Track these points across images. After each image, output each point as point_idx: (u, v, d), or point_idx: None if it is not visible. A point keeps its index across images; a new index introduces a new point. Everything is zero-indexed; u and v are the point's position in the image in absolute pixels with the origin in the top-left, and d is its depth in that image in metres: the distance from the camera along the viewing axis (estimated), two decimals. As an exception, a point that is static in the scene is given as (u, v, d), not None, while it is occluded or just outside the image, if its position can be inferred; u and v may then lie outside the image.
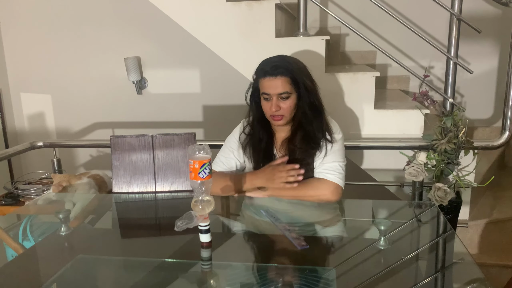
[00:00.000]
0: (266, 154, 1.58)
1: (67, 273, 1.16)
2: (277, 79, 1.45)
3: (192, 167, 1.16)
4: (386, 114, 2.07)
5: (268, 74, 1.46)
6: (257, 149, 1.59)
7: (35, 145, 2.28)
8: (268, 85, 1.47)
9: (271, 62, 1.49)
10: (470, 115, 2.47)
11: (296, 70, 1.49)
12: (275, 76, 1.45)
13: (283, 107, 1.48)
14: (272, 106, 1.47)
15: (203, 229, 1.18)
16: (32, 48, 3.22)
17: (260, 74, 1.50)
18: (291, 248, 1.28)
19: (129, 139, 1.75)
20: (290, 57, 1.56)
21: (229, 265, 1.21)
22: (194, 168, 1.16)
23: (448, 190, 1.77)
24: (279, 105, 1.48)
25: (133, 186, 1.74)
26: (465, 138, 1.81)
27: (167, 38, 3.00)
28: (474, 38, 2.41)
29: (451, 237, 1.35)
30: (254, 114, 1.60)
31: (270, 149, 1.59)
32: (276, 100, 1.47)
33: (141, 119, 3.21)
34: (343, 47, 2.92)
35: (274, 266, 1.19)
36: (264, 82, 1.48)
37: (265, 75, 1.47)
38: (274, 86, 1.46)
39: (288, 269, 1.17)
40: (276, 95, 1.47)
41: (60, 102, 3.31)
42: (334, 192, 1.51)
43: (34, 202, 1.84)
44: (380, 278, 1.10)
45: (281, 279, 1.11)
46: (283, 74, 1.46)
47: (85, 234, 1.49)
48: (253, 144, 1.60)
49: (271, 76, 1.46)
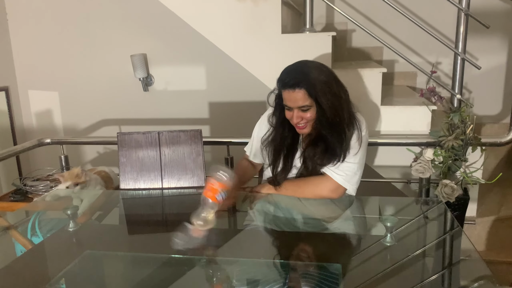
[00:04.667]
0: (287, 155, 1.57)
1: (75, 268, 1.17)
2: (295, 93, 1.41)
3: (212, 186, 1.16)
4: (393, 111, 2.06)
5: (288, 86, 1.42)
6: (278, 151, 1.57)
7: (43, 142, 2.29)
8: (288, 98, 1.44)
9: (290, 73, 1.44)
10: (477, 111, 2.45)
11: (315, 82, 1.41)
12: (293, 89, 1.40)
13: (304, 117, 1.45)
14: (293, 117, 1.45)
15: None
16: (40, 46, 3.24)
17: (280, 84, 1.47)
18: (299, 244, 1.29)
19: (136, 136, 1.75)
20: (312, 65, 1.48)
21: (235, 261, 1.21)
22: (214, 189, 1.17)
23: (455, 187, 1.76)
24: (301, 115, 1.44)
25: (140, 183, 1.75)
26: (472, 134, 1.79)
27: (173, 35, 3.00)
28: (482, 33, 2.39)
29: (458, 234, 1.34)
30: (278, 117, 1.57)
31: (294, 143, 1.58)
32: (297, 112, 1.44)
33: (147, 116, 3.22)
34: (349, 43, 2.90)
35: (280, 262, 1.19)
36: (284, 94, 1.45)
37: (284, 87, 1.43)
38: (294, 99, 1.42)
39: (295, 265, 1.17)
40: (296, 107, 1.43)
41: (67, 99, 3.33)
42: (334, 191, 1.51)
43: (42, 198, 1.85)
44: (387, 274, 1.10)
45: (287, 275, 1.11)
46: (301, 87, 1.40)
47: (93, 230, 1.50)
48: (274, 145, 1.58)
49: (289, 89, 1.41)
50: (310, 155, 1.52)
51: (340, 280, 1.08)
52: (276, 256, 1.25)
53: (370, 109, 2.06)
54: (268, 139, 1.60)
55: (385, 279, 1.09)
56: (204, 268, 1.20)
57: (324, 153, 1.50)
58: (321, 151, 1.50)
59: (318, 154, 1.50)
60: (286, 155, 1.57)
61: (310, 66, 1.47)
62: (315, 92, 1.40)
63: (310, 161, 1.52)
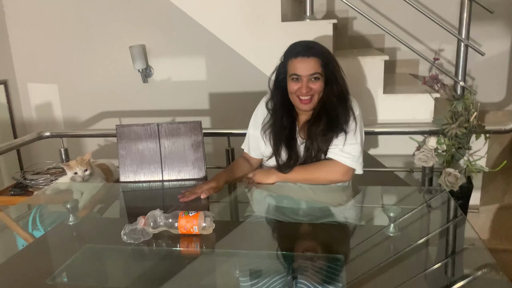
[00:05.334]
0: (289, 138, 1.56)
1: (75, 262, 1.16)
2: (309, 60, 1.45)
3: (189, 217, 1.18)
4: (395, 99, 2.04)
5: (301, 54, 1.45)
6: (279, 136, 1.56)
7: (42, 135, 2.28)
8: (299, 66, 1.45)
9: (304, 43, 1.50)
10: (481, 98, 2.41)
11: (327, 54, 1.50)
12: (308, 56, 1.45)
13: (313, 88, 1.46)
14: (302, 88, 1.46)
15: None
16: (38, 38, 3.21)
17: (291, 54, 1.48)
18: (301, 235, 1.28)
19: (135, 128, 1.74)
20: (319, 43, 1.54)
21: (238, 253, 1.21)
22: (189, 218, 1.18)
23: (459, 176, 1.74)
24: (310, 86, 1.46)
25: (140, 175, 1.74)
26: (476, 122, 1.77)
27: (171, 25, 2.97)
28: (485, 19, 2.35)
29: (461, 223, 1.33)
30: (277, 99, 1.58)
31: (293, 133, 1.57)
32: (307, 82, 1.46)
33: (147, 108, 3.20)
34: (350, 30, 2.86)
35: (282, 254, 1.18)
36: (296, 62, 1.46)
37: (297, 56, 1.46)
38: (307, 67, 1.45)
39: (297, 256, 1.16)
40: (307, 76, 1.45)
41: (66, 91, 3.32)
42: (345, 174, 1.53)
43: (43, 192, 1.85)
44: (390, 264, 1.09)
45: (290, 266, 1.10)
46: (315, 55, 1.45)
47: (93, 223, 1.50)
48: (275, 130, 1.57)
49: (303, 57, 1.45)
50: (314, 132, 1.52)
51: (343, 270, 1.07)
52: (278, 247, 1.24)
53: (372, 98, 2.03)
54: (268, 124, 1.60)
55: (389, 268, 1.08)
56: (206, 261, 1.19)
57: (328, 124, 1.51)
58: (325, 123, 1.51)
59: (322, 126, 1.51)
60: (288, 143, 1.56)
61: (318, 43, 1.53)
62: (328, 62, 1.47)
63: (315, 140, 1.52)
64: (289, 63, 1.49)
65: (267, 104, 1.62)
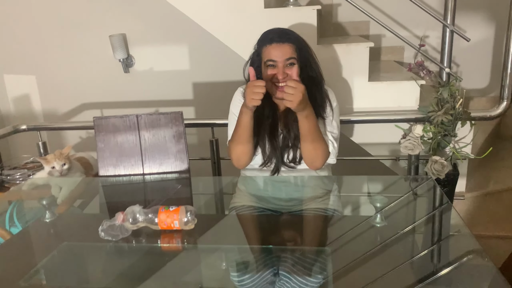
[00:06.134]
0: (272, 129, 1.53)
1: (52, 261, 1.13)
2: (284, 45, 1.43)
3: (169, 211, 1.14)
4: (380, 86, 2.02)
5: (275, 40, 1.44)
6: (262, 125, 1.52)
7: (19, 129, 2.21)
8: (275, 52, 1.43)
9: (277, 30, 1.49)
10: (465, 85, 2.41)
11: (301, 40, 1.50)
12: (283, 42, 1.44)
13: (289, 73, 1.44)
14: (278, 73, 1.43)
15: None
16: (14, 28, 3.10)
17: (265, 41, 1.47)
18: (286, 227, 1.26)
19: (113, 120, 1.68)
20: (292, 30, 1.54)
21: (221, 248, 1.18)
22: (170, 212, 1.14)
23: (445, 163, 1.74)
24: (286, 71, 1.44)
25: (120, 169, 1.69)
26: (462, 109, 1.76)
27: (152, 13, 2.89)
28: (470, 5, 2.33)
29: (447, 210, 1.32)
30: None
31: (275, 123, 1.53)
32: (283, 68, 1.44)
33: (129, 99, 3.12)
34: (335, 18, 2.83)
35: (267, 247, 1.15)
36: (271, 49, 1.44)
37: (272, 42, 1.44)
38: (282, 52, 1.43)
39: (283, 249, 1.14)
40: (283, 61, 1.43)
41: (45, 83, 3.22)
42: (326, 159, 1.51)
43: (19, 188, 1.79)
44: (377, 253, 1.09)
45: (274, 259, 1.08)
46: (290, 41, 1.45)
47: (72, 220, 1.46)
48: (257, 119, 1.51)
49: (278, 43, 1.44)
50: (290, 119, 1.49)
51: (329, 262, 1.05)
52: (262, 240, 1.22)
53: (357, 85, 2.01)
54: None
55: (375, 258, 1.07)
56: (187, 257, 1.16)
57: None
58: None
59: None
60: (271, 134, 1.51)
61: (291, 30, 1.53)
62: (302, 48, 1.48)
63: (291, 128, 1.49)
64: (263, 50, 1.47)
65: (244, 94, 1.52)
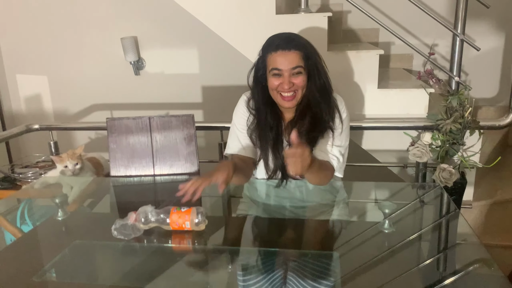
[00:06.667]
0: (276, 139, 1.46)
1: (64, 258, 1.14)
2: (290, 53, 1.34)
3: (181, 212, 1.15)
4: (389, 94, 2.02)
5: (281, 47, 1.35)
6: (265, 137, 1.45)
7: (31, 128, 2.24)
8: (280, 60, 1.35)
9: (283, 36, 1.39)
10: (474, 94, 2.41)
11: (309, 46, 1.40)
12: (289, 49, 1.34)
13: (295, 83, 1.36)
14: (284, 83, 1.35)
15: None
16: (27, 29, 3.14)
17: (270, 48, 1.38)
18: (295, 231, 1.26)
19: (126, 121, 1.71)
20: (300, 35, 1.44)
21: (231, 249, 1.19)
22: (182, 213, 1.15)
23: (453, 171, 1.74)
24: (292, 81, 1.36)
25: (131, 169, 1.71)
26: (471, 118, 1.77)
27: (164, 17, 2.93)
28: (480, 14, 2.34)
29: (455, 218, 1.32)
30: (259, 97, 1.46)
31: (279, 134, 1.47)
32: (288, 77, 1.36)
33: (139, 100, 3.16)
34: (345, 24, 2.84)
35: (276, 251, 1.16)
36: (276, 56, 1.35)
37: (277, 49, 1.35)
38: (288, 60, 1.34)
39: (292, 253, 1.15)
40: (289, 70, 1.35)
41: (56, 83, 3.26)
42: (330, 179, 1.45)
43: (31, 186, 1.81)
44: (383, 259, 1.09)
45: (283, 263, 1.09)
46: (297, 48, 1.35)
47: (83, 218, 1.47)
48: (260, 131, 1.46)
49: (284, 50, 1.34)
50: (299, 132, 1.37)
51: (337, 267, 1.06)
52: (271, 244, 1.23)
53: (367, 92, 2.02)
54: (251, 127, 1.48)
55: (383, 264, 1.08)
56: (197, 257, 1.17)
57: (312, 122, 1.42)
58: (309, 120, 1.42)
59: (306, 125, 1.41)
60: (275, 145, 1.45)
61: (299, 35, 1.43)
62: (310, 55, 1.37)
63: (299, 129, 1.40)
64: (268, 57, 1.38)
65: (248, 104, 1.50)
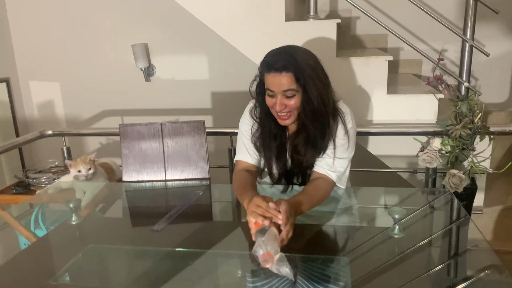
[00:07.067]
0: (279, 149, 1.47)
1: (78, 262, 1.16)
2: (281, 76, 1.30)
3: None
4: (399, 99, 2.02)
5: (273, 69, 1.31)
6: (269, 147, 1.47)
7: (44, 134, 2.28)
8: (272, 82, 1.32)
9: (277, 55, 1.34)
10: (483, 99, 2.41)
11: (303, 66, 1.32)
12: (280, 72, 1.30)
13: (288, 104, 1.34)
14: (276, 104, 1.34)
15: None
16: (40, 36, 3.20)
17: (264, 67, 1.35)
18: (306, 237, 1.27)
19: (138, 127, 1.73)
20: (299, 50, 1.39)
21: (241, 254, 1.20)
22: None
23: (463, 177, 1.73)
24: (284, 103, 1.34)
25: (143, 175, 1.73)
26: (481, 123, 1.76)
27: (174, 24, 2.96)
28: (489, 19, 2.34)
29: (465, 224, 1.32)
30: (262, 107, 1.46)
31: (283, 144, 1.48)
32: (281, 98, 1.33)
33: (149, 106, 3.19)
34: (353, 30, 2.85)
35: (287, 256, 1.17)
36: (269, 77, 1.33)
37: (270, 70, 1.32)
38: (279, 83, 1.31)
39: (302, 258, 1.15)
40: (280, 92, 1.32)
41: (68, 90, 3.31)
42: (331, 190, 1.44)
43: (45, 191, 1.84)
44: (393, 265, 1.09)
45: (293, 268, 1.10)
46: (288, 70, 1.30)
47: (96, 223, 1.49)
48: (263, 140, 1.47)
49: (275, 72, 1.31)
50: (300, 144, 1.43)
51: (348, 272, 1.07)
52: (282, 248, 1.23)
53: (376, 98, 2.03)
54: (255, 136, 1.49)
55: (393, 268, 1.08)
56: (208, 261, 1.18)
57: (306, 144, 1.41)
58: (303, 142, 1.42)
59: (300, 144, 1.42)
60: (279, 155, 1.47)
61: (298, 50, 1.38)
62: (303, 77, 1.31)
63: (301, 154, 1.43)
64: (264, 75, 1.36)
65: (253, 112, 1.51)
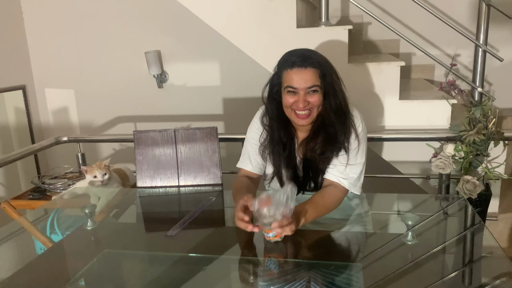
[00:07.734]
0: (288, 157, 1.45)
1: (94, 267, 1.18)
2: (306, 71, 1.30)
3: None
4: (411, 105, 2.01)
5: (297, 65, 1.30)
6: (277, 154, 1.45)
7: (60, 140, 2.31)
8: (295, 78, 1.31)
9: (299, 52, 1.34)
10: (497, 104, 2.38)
11: (325, 64, 1.35)
12: (305, 67, 1.30)
13: (311, 101, 1.32)
14: (299, 102, 1.32)
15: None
16: (55, 44, 3.27)
17: (286, 65, 1.34)
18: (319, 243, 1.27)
19: (152, 134, 1.76)
20: (316, 52, 1.40)
21: (253, 260, 1.21)
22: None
23: (477, 183, 1.72)
24: (307, 99, 1.32)
25: (156, 181, 1.75)
26: (495, 128, 1.75)
27: (186, 31, 3.00)
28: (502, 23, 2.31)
29: (480, 230, 1.31)
30: (273, 113, 1.44)
31: (292, 151, 1.46)
32: (304, 95, 1.31)
33: (162, 113, 3.23)
34: (365, 36, 2.85)
35: (300, 262, 1.17)
36: (291, 74, 1.31)
37: (293, 66, 1.31)
38: (304, 79, 1.30)
39: (315, 264, 1.15)
40: (304, 89, 1.31)
41: (83, 96, 3.36)
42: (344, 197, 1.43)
43: (61, 196, 1.87)
44: (407, 272, 1.08)
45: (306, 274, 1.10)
46: (313, 65, 1.31)
47: (111, 228, 1.51)
48: (272, 148, 1.45)
49: (300, 67, 1.30)
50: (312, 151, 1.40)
51: (361, 278, 1.06)
52: (294, 255, 1.24)
53: (388, 104, 2.02)
54: (265, 143, 1.48)
55: (406, 275, 1.08)
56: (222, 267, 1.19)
57: (326, 142, 1.39)
58: (323, 140, 1.39)
59: (320, 144, 1.39)
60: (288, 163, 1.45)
61: (315, 52, 1.39)
62: (326, 73, 1.33)
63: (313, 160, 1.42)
64: (284, 74, 1.34)
65: (262, 119, 1.49)
